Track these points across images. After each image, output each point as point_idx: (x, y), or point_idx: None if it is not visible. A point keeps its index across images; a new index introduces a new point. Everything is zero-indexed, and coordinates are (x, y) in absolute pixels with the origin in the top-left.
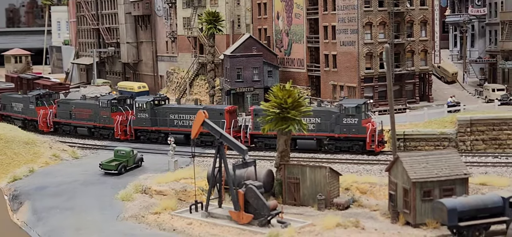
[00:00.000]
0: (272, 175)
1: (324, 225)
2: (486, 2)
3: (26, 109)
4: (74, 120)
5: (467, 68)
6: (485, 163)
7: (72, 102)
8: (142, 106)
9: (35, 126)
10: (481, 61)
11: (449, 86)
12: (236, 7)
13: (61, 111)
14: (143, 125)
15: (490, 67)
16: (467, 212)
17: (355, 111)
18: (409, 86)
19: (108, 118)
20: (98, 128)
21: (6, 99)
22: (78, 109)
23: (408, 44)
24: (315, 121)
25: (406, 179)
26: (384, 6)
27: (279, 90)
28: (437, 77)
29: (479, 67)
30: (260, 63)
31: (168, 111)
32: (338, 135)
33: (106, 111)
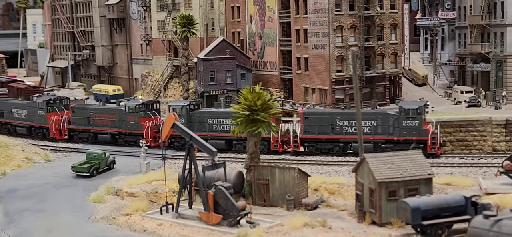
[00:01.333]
0: (243, 176)
1: (292, 225)
2: (455, 6)
3: (33, 116)
4: (93, 127)
5: (437, 71)
6: (451, 163)
7: (91, 107)
8: (177, 111)
9: (44, 134)
10: (450, 64)
11: (420, 88)
12: (210, 11)
13: (77, 117)
14: None
15: (460, 70)
16: (430, 211)
17: (416, 113)
18: (380, 88)
19: (136, 124)
20: (124, 134)
21: (3, 105)
22: (98, 115)
23: (379, 47)
24: (371, 124)
25: (372, 179)
26: (355, 10)
27: (249, 92)
28: (408, 79)
29: (449, 70)
30: (233, 66)
31: (206, 115)
32: (397, 138)
33: (134, 117)
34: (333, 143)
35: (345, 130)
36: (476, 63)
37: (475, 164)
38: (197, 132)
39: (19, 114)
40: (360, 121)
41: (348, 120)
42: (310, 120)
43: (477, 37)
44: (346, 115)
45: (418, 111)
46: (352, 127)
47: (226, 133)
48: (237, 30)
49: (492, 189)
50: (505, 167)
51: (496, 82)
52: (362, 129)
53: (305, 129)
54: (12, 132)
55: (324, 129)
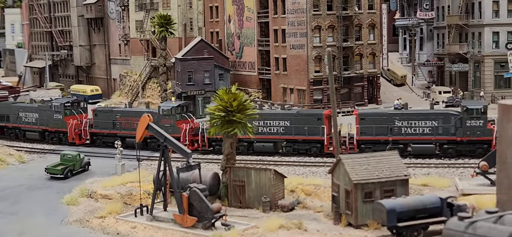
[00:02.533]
0: (218, 178)
1: (267, 227)
2: (433, 6)
3: (47, 120)
4: (120, 130)
5: (416, 71)
6: (428, 164)
7: (117, 110)
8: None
9: (60, 139)
10: (429, 64)
11: (399, 88)
12: (189, 10)
13: (100, 121)
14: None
15: (438, 70)
16: (406, 213)
17: (481, 113)
18: (358, 88)
19: (172, 127)
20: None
21: (7, 108)
22: (125, 118)
23: (357, 47)
24: (431, 125)
25: (348, 181)
26: (333, 10)
27: (225, 93)
28: (387, 80)
29: (427, 70)
30: (211, 66)
31: None
32: (460, 139)
33: (170, 120)
34: (392, 145)
35: (404, 131)
36: (454, 63)
37: (452, 165)
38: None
39: (28, 118)
40: (336, 122)
41: (407, 120)
42: (366, 121)
43: (455, 37)
44: (405, 116)
45: (482, 111)
46: (411, 128)
47: (274, 135)
48: (215, 30)
49: (468, 190)
50: (482, 168)
51: (474, 82)
52: (419, 130)
53: (361, 130)
54: (20, 138)
55: (382, 131)
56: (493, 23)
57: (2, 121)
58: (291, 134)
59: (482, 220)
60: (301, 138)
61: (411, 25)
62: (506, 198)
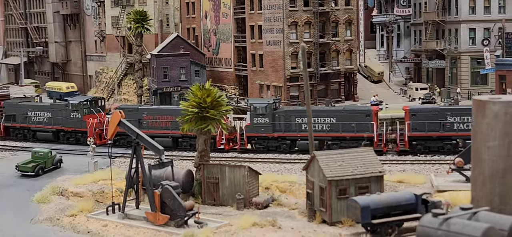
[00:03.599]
0: (192, 175)
1: (241, 225)
2: (411, 2)
3: (62, 119)
4: (148, 129)
5: (393, 68)
6: (404, 161)
7: (143, 108)
8: (260, 110)
9: (78, 139)
10: (406, 60)
11: (376, 85)
12: (165, 6)
13: None
14: (260, 132)
15: (415, 67)
16: (380, 210)
17: None
18: (335, 85)
19: None
20: (189, 137)
21: (15, 107)
22: (153, 116)
23: (333, 43)
24: None
25: (322, 178)
26: (309, 6)
27: (198, 89)
28: (364, 76)
29: (405, 67)
30: (187, 63)
31: (294, 114)
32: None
33: None
34: (444, 141)
35: (457, 127)
36: (431, 60)
37: (428, 161)
38: (284, 133)
39: (39, 118)
40: (310, 118)
41: (460, 116)
42: (417, 117)
43: (432, 34)
44: (458, 111)
45: None
46: (464, 124)
47: (319, 132)
48: (192, 26)
49: (443, 187)
50: (457, 164)
51: (450, 78)
52: None
53: (412, 126)
54: (30, 138)
55: (434, 127)
56: (469, 19)
57: (8, 121)
58: (338, 131)
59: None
60: (349, 135)
61: (388, 22)
62: (481, 195)
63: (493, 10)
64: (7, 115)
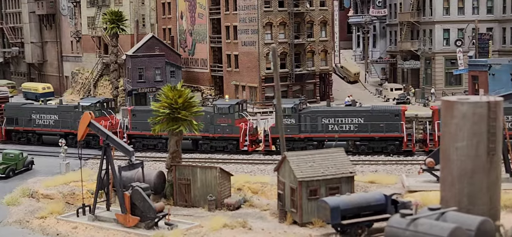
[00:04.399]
0: (164, 177)
1: (211, 226)
2: (386, 3)
3: (70, 122)
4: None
5: (369, 68)
6: (377, 161)
7: None
8: (286, 111)
9: (88, 142)
10: (382, 61)
11: (352, 85)
12: (141, 7)
13: (139, 122)
14: (286, 133)
15: (391, 67)
16: (350, 210)
17: None
18: (310, 86)
19: (230, 127)
20: (211, 139)
21: (17, 110)
22: None
23: (308, 44)
24: None
25: (293, 179)
26: (284, 7)
27: (170, 90)
28: (340, 77)
29: (380, 67)
30: (162, 63)
31: (321, 115)
32: None
33: (228, 119)
34: None
35: None
36: (406, 60)
37: (400, 161)
38: (310, 134)
39: (44, 121)
40: (281, 118)
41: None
42: None
43: (407, 34)
44: None
45: None
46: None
47: (347, 133)
48: (168, 26)
49: (414, 187)
50: (428, 164)
51: (425, 79)
52: None
53: None
54: (34, 142)
55: None
56: (443, 20)
57: (10, 124)
58: (366, 131)
59: (424, 217)
60: (378, 135)
61: (364, 23)
62: (449, 195)
63: (467, 11)
64: (8, 118)
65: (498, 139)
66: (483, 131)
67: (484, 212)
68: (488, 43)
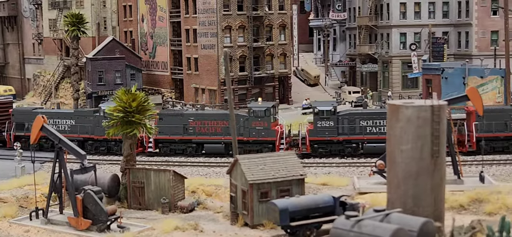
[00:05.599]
0: (118, 180)
1: (163, 229)
2: (346, 7)
3: (91, 127)
4: (195, 136)
5: (329, 71)
6: (330, 163)
7: (188, 113)
8: (324, 113)
9: (109, 148)
10: (341, 64)
11: (312, 88)
12: (102, 9)
13: (166, 126)
14: (325, 136)
15: (350, 70)
16: (299, 212)
17: None
18: (269, 89)
19: (266, 130)
20: (245, 142)
21: (26, 115)
22: (201, 121)
23: (268, 47)
24: None
25: (244, 181)
26: (243, 10)
27: (124, 93)
28: (301, 80)
29: (340, 70)
30: (122, 66)
31: (359, 117)
32: None
33: (264, 122)
34: (510, 141)
35: None
36: (365, 63)
37: (353, 163)
38: (349, 136)
39: (59, 126)
40: (233, 122)
41: None
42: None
43: (365, 38)
44: None
45: None
46: None
47: (383, 135)
48: (129, 29)
49: (365, 189)
50: (378, 166)
51: (382, 82)
52: None
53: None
54: (47, 148)
55: (501, 127)
56: (400, 24)
57: (20, 130)
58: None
59: (368, 218)
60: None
61: (324, 26)
62: (395, 197)
63: (423, 15)
64: (18, 124)
65: (441, 142)
66: (427, 134)
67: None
68: (443, 47)
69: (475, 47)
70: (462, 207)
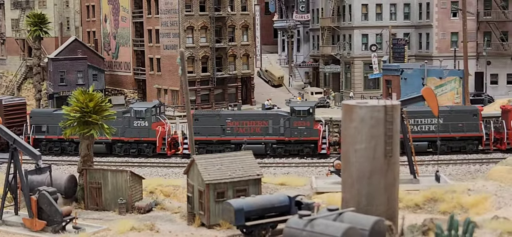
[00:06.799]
0: (75, 181)
1: (118, 230)
2: (309, 8)
3: (122, 128)
4: (234, 136)
5: (293, 72)
6: (289, 163)
7: (225, 113)
8: None
9: (141, 150)
10: (305, 65)
11: (276, 89)
12: (65, 9)
13: (202, 127)
14: None
15: (314, 71)
16: (254, 212)
17: None
18: (232, 89)
19: (308, 130)
20: (284, 143)
21: (46, 117)
22: (240, 122)
23: (230, 48)
24: None
25: (201, 181)
26: (206, 11)
27: (81, 94)
28: (265, 80)
29: (304, 71)
30: (84, 66)
31: None
32: None
33: (306, 121)
34: None
35: None
36: (328, 64)
37: (312, 163)
38: None
39: None
40: (190, 123)
41: None
42: None
43: (328, 39)
44: None
45: None
46: None
47: (427, 134)
48: (92, 29)
49: (322, 189)
50: (336, 166)
51: (345, 83)
52: None
53: None
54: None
55: None
56: (362, 25)
57: (38, 133)
58: (447, 131)
59: (321, 217)
60: (459, 135)
61: (288, 27)
62: (349, 196)
63: (385, 16)
64: (37, 126)
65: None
66: (380, 134)
67: (382, 212)
68: (404, 48)
69: (435, 48)
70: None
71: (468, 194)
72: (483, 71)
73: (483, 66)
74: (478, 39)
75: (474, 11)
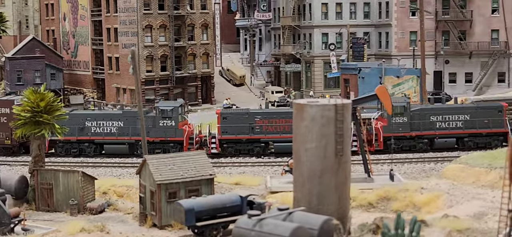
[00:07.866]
0: (26, 181)
1: (68, 231)
2: (271, 7)
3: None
4: (263, 135)
5: (255, 71)
6: (245, 163)
7: (255, 112)
8: (398, 109)
9: (166, 150)
10: (266, 64)
11: (238, 88)
12: (24, 8)
13: (230, 125)
14: (398, 132)
15: (275, 70)
16: (205, 212)
17: None
18: (192, 88)
19: None
20: None
21: None
22: (269, 120)
23: (190, 47)
24: None
25: (153, 182)
26: (165, 9)
27: (32, 93)
28: (226, 79)
29: (266, 70)
30: (42, 66)
31: (429, 112)
32: None
33: None
34: None
35: None
36: (288, 63)
37: (268, 163)
38: (422, 132)
39: (104, 129)
40: (142, 122)
41: None
42: None
43: (289, 38)
44: None
45: None
46: None
47: (453, 130)
48: (51, 28)
49: (276, 188)
50: (290, 165)
51: (305, 82)
52: None
53: None
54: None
55: None
56: (322, 24)
57: None
58: (474, 127)
59: (270, 217)
60: (485, 131)
61: (250, 26)
62: (300, 195)
63: (345, 15)
64: None
65: (346, 141)
66: (331, 133)
67: (333, 211)
68: (363, 47)
69: (394, 47)
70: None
71: (420, 192)
72: (441, 70)
73: (441, 65)
74: (436, 38)
75: (432, 10)
